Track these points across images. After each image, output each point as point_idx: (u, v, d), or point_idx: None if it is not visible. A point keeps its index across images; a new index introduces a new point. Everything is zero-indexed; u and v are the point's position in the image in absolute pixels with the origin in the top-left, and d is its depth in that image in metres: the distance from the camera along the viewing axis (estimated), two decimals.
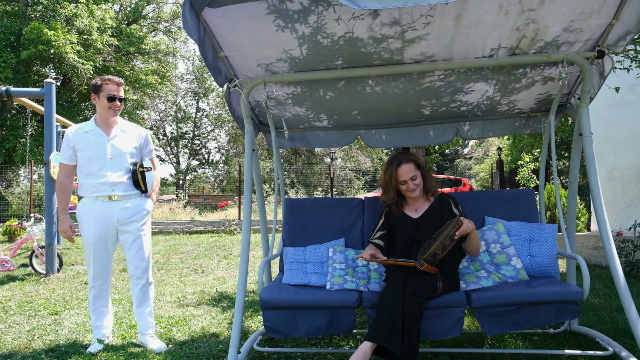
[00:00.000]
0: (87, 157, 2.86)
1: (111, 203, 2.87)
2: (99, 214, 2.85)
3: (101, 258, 2.90)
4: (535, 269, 2.65)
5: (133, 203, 2.94)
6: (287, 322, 2.42)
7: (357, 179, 23.81)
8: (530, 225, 2.80)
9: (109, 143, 2.89)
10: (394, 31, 2.25)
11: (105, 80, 2.87)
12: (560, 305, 2.32)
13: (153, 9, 20.75)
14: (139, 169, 2.94)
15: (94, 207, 2.86)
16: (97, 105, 2.89)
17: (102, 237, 2.87)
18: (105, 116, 2.90)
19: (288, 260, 2.88)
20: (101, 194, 2.86)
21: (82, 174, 2.89)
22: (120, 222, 2.90)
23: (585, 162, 2.54)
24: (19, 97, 6.02)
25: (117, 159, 2.89)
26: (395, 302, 2.19)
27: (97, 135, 2.90)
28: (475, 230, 2.44)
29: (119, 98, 2.88)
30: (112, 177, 2.86)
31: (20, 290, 4.83)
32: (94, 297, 2.94)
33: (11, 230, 9.05)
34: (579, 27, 2.28)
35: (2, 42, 14.71)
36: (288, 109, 3.10)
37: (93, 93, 2.88)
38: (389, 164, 2.63)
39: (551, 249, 2.66)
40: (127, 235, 2.92)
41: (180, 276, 5.61)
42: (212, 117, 29.14)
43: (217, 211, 16.62)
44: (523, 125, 3.26)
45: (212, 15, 2.22)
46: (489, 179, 22.33)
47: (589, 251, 5.65)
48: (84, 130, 2.90)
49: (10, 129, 15.74)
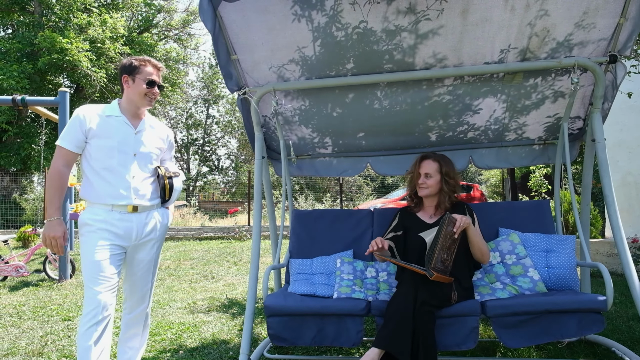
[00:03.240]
0: (107, 147, 2.19)
1: (131, 215, 2.22)
2: (115, 230, 2.18)
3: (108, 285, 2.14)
4: (553, 281, 2.53)
5: (154, 216, 2.33)
6: (292, 329, 2.35)
7: (366, 185, 23.76)
8: (546, 236, 2.71)
9: (135, 136, 2.29)
10: (408, 21, 2.26)
11: (143, 61, 2.29)
12: (582, 315, 2.20)
13: (163, 17, 21.03)
14: (166, 174, 2.38)
15: (109, 220, 2.17)
16: (128, 89, 2.29)
17: (113, 257, 2.17)
18: (137, 104, 2.29)
19: (294, 272, 2.84)
20: (120, 202, 2.18)
21: (94, 170, 2.19)
22: (138, 238, 2.27)
23: (598, 168, 2.51)
24: (34, 106, 6.12)
25: (142, 158, 2.29)
26: (406, 309, 2.12)
27: (122, 124, 2.26)
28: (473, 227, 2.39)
29: (158, 84, 2.32)
30: (135, 180, 2.24)
31: (34, 295, 4.89)
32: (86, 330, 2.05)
33: (25, 237, 9.18)
34: (592, 22, 2.26)
35: (19, 52, 15.01)
36: (294, 129, 3.09)
37: (126, 74, 2.28)
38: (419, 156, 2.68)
39: (570, 260, 2.55)
40: (142, 254, 2.31)
41: (190, 282, 5.63)
42: (222, 124, 29.35)
43: (226, 217, 16.69)
44: (540, 155, 3.17)
45: (228, 11, 2.28)
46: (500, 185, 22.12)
47: (603, 258, 5.56)
48: (106, 114, 2.25)
49: (25, 137, 16.01)
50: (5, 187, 16.08)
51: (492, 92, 2.72)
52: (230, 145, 30.10)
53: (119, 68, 2.33)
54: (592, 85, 2.64)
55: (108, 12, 16.87)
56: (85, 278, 2.14)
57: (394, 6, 2.20)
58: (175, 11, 20.95)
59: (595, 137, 2.52)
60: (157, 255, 2.40)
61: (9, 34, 16.48)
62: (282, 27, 2.32)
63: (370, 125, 2.99)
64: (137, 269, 2.33)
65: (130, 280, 2.34)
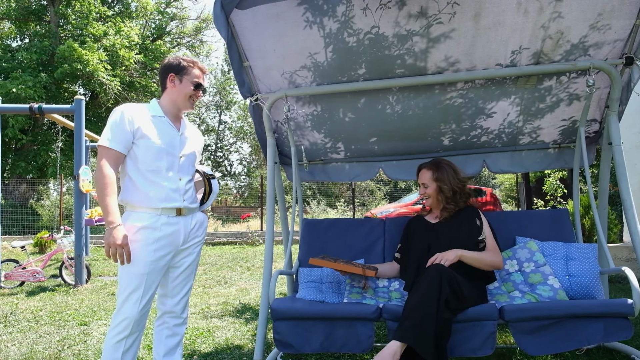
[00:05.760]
0: (156, 148, 2.09)
1: (179, 219, 2.15)
2: (164, 234, 2.08)
3: (150, 296, 2.08)
4: (575, 290, 2.40)
5: (197, 218, 2.29)
6: (299, 335, 2.24)
7: (378, 190, 23.69)
8: (566, 245, 2.62)
9: (180, 138, 2.22)
10: (420, 25, 2.26)
11: (191, 62, 2.20)
12: (607, 320, 2.07)
13: (176, 24, 21.31)
14: (206, 176, 2.35)
15: (157, 225, 2.07)
16: (172, 90, 2.19)
17: (160, 265, 2.09)
18: (180, 105, 2.22)
19: (303, 280, 2.77)
20: (170, 204, 2.10)
21: (141, 172, 2.09)
22: (185, 242, 2.20)
23: (615, 171, 2.47)
24: (51, 114, 6.24)
25: (187, 161, 2.23)
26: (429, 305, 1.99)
27: (167, 125, 2.18)
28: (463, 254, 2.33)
29: (203, 88, 2.25)
30: (182, 183, 2.18)
31: (51, 300, 4.96)
32: (123, 353, 2.02)
33: (42, 242, 9.34)
34: (607, 24, 2.23)
35: (36, 62, 15.34)
36: (306, 135, 3.10)
37: (173, 73, 2.18)
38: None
39: (593, 267, 2.43)
40: (186, 258, 2.23)
41: (204, 287, 5.66)
42: (234, 130, 29.59)
43: (239, 222, 16.74)
44: (556, 159, 3.12)
45: (240, 18, 2.30)
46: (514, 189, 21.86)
47: (621, 263, 5.45)
48: (151, 114, 2.15)
49: (41, 145, 16.33)
50: (22, 194, 16.39)
51: (506, 94, 2.69)
52: (242, 151, 30.32)
53: (164, 66, 2.22)
54: (607, 87, 2.60)
55: (123, 21, 17.17)
56: (120, 287, 2.04)
57: (405, 10, 2.19)
58: (188, 19, 21.23)
59: (612, 140, 2.48)
60: (198, 259, 2.33)
61: (26, 44, 16.85)
62: (293, 33, 2.34)
63: (383, 130, 2.98)
64: (176, 274, 2.23)
65: (169, 286, 2.24)
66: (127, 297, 2.03)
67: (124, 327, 2.01)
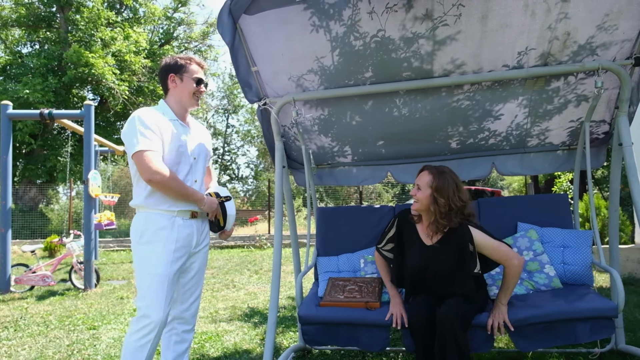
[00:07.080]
0: (175, 152, 2.11)
1: (192, 221, 2.17)
2: (180, 237, 2.10)
3: (172, 298, 2.11)
4: (568, 277, 2.65)
5: (206, 222, 2.31)
6: (324, 334, 2.50)
7: (386, 192, 23.64)
8: (563, 231, 2.78)
9: (191, 139, 2.22)
10: (425, 27, 2.25)
11: (187, 59, 2.21)
12: (594, 321, 2.26)
13: (184, 29, 21.48)
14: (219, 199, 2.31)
15: (172, 227, 2.09)
16: (175, 89, 2.20)
17: (178, 266, 2.11)
18: (185, 104, 2.22)
19: (322, 270, 2.97)
20: (186, 207, 2.13)
21: None
22: (197, 245, 2.23)
23: (626, 172, 2.45)
24: (61, 119, 6.31)
25: (199, 162, 2.24)
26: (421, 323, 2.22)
27: (179, 126, 2.18)
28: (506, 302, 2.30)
29: (205, 83, 2.24)
30: (196, 185, 2.20)
31: (60, 304, 5.00)
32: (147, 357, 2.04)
33: (52, 247, 9.43)
34: (614, 24, 2.22)
35: (45, 67, 15.53)
36: (313, 139, 3.10)
37: (173, 74, 2.18)
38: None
39: (585, 258, 2.65)
40: (196, 262, 2.25)
41: (212, 291, 5.67)
42: (241, 133, 29.71)
43: (247, 226, 16.78)
44: (566, 161, 3.08)
45: (249, 23, 2.31)
46: (522, 190, 21.70)
47: (634, 265, 5.38)
48: (166, 117, 2.15)
49: (50, 149, 16.50)
50: (32, 198, 16.57)
51: (513, 96, 2.67)
52: (249, 154, 30.45)
53: (162, 68, 2.22)
54: (616, 88, 2.57)
55: (131, 27, 17.33)
56: (141, 291, 2.05)
57: (411, 13, 2.19)
58: (195, 24, 21.37)
59: (622, 141, 2.46)
60: (206, 262, 2.35)
61: (36, 50, 17.06)
62: (301, 37, 2.34)
63: (390, 133, 2.98)
64: (188, 278, 2.24)
65: (179, 291, 2.24)
66: (151, 299, 2.02)
67: (149, 330, 2.01)
